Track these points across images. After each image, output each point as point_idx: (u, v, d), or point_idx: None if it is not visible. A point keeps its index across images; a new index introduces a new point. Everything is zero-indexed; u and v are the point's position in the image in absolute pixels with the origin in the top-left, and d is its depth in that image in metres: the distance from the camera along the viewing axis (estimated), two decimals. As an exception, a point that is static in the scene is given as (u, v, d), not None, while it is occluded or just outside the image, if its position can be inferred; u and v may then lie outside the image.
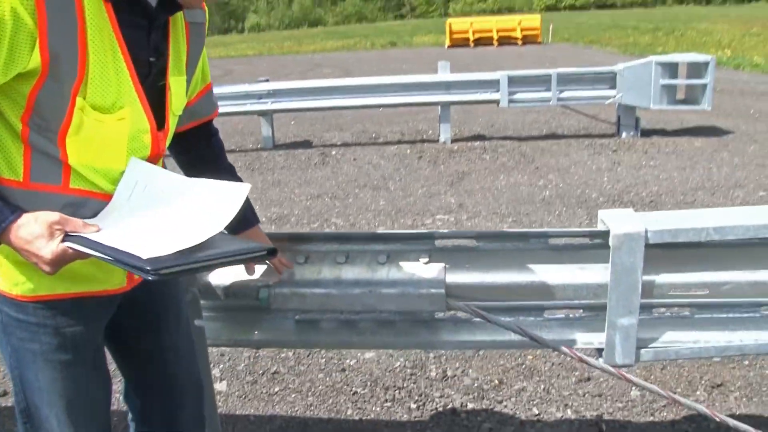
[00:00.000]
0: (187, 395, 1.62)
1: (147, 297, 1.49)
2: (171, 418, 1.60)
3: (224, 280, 1.86)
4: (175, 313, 1.56)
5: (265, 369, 2.90)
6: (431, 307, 1.76)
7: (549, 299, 1.84)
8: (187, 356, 1.62)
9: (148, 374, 1.55)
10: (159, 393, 1.58)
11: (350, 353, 2.97)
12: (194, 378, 1.64)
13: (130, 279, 1.39)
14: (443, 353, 2.94)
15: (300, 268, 1.83)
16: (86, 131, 1.15)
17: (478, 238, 1.86)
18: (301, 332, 1.96)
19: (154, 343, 1.53)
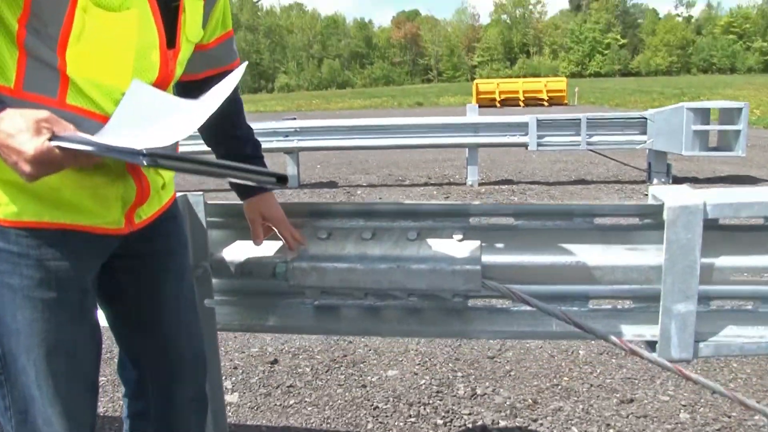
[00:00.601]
0: (188, 369, 1.45)
1: (147, 251, 1.35)
2: (169, 394, 1.43)
3: (238, 256, 1.72)
4: (178, 273, 1.41)
5: (280, 383, 2.71)
6: (465, 285, 1.58)
7: (595, 283, 1.65)
8: (191, 326, 1.45)
9: (146, 340, 1.39)
10: (157, 363, 1.41)
11: (372, 370, 2.77)
12: (197, 351, 1.47)
13: (128, 221, 1.25)
14: (471, 372, 2.72)
15: (322, 243, 1.67)
16: (88, 38, 1.05)
17: (516, 216, 1.70)
18: (320, 318, 1.79)
19: (154, 305, 1.37)
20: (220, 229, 1.81)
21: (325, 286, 1.64)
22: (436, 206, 1.71)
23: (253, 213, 1.58)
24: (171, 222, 1.41)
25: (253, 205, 1.57)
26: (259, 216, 1.57)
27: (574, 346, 2.97)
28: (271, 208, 1.58)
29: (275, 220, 1.58)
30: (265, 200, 1.58)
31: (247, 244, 1.74)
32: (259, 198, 1.57)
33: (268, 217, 1.58)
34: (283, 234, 1.60)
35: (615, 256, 1.63)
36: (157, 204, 1.35)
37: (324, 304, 1.79)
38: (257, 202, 1.57)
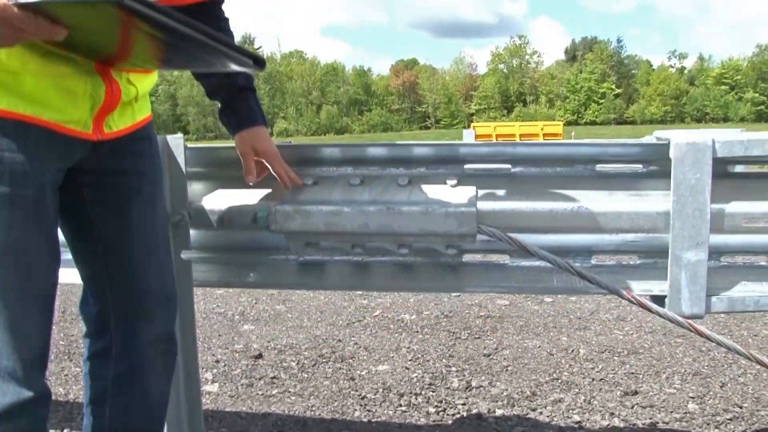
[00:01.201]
0: (156, 305, 1.33)
1: (117, 168, 1.25)
2: (133, 331, 1.30)
3: (218, 205, 1.62)
4: (149, 198, 1.31)
5: (263, 374, 2.56)
6: (460, 228, 1.48)
7: (599, 232, 1.55)
8: (161, 258, 1.34)
9: (111, 266, 1.28)
10: (121, 295, 1.29)
11: (361, 365, 2.63)
12: (168, 289, 1.36)
13: (97, 127, 1.15)
14: (466, 367, 2.59)
15: (307, 189, 1.58)
16: None
17: (514, 162, 1.61)
18: (304, 274, 1.69)
19: (121, 227, 1.26)
20: (201, 180, 1.71)
21: (309, 230, 1.53)
22: (430, 151, 1.62)
23: (244, 146, 1.48)
24: (145, 142, 1.32)
25: (244, 138, 1.48)
26: (251, 150, 1.48)
27: (574, 345, 2.83)
28: (263, 141, 1.48)
29: (268, 154, 1.49)
30: (257, 133, 1.48)
31: (229, 193, 1.65)
32: (251, 131, 1.48)
33: (261, 151, 1.48)
34: (277, 170, 1.50)
35: (620, 203, 1.53)
36: (130, 118, 1.26)
37: (309, 261, 1.69)
38: (249, 134, 1.48)
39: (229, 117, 1.49)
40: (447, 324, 3.18)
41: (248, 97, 1.49)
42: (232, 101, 1.48)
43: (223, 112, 1.50)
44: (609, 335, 2.97)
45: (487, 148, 1.63)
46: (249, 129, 1.48)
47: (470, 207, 1.48)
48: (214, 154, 1.69)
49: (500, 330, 3.08)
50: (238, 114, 1.48)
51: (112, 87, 1.16)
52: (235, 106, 1.48)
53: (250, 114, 1.48)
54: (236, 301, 3.74)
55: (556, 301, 3.55)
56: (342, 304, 3.57)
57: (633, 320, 3.19)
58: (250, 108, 1.49)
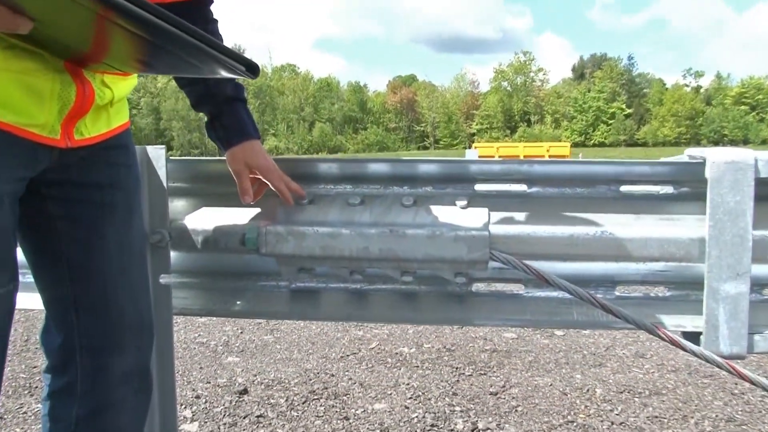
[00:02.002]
0: (130, 335, 1.25)
1: (88, 180, 1.18)
2: (102, 364, 1.22)
3: (203, 224, 1.55)
4: (125, 215, 1.24)
5: (248, 412, 2.47)
6: (470, 254, 1.41)
7: (623, 260, 1.48)
8: (136, 282, 1.27)
9: (78, 294, 1.19)
10: (89, 323, 1.21)
11: (356, 403, 2.55)
12: (143, 317, 1.28)
13: (66, 133, 1.08)
14: (471, 407, 2.50)
15: (302, 208, 1.51)
16: None
17: (529, 182, 1.54)
18: (297, 303, 1.62)
19: (91, 246, 1.19)
20: (183, 196, 1.65)
21: (303, 254, 1.46)
22: (437, 168, 1.56)
23: (237, 163, 1.42)
24: (121, 152, 1.25)
25: (236, 155, 1.42)
26: (245, 166, 1.42)
27: (589, 384, 2.75)
28: (257, 155, 1.42)
29: (264, 169, 1.42)
30: (251, 148, 1.42)
31: (214, 212, 1.58)
32: (244, 146, 1.42)
33: (256, 166, 1.42)
34: (276, 185, 1.44)
35: (648, 228, 1.47)
36: (104, 124, 1.19)
37: (302, 288, 1.61)
38: (241, 150, 1.41)
39: (217, 131, 1.43)
40: (450, 358, 3.10)
41: (238, 109, 1.43)
42: (221, 114, 1.42)
43: (211, 126, 1.44)
44: (627, 373, 2.89)
45: (500, 165, 1.56)
46: (241, 144, 1.41)
47: (482, 231, 1.42)
48: (198, 168, 1.62)
49: (508, 366, 2.99)
50: (227, 128, 1.42)
51: (84, 88, 1.09)
52: (224, 119, 1.42)
53: (241, 127, 1.42)
54: (220, 330, 3.65)
55: (567, 335, 3.47)
56: (335, 335, 3.48)
57: (653, 357, 3.11)
58: (241, 120, 1.42)
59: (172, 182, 1.62)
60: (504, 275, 1.55)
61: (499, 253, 1.43)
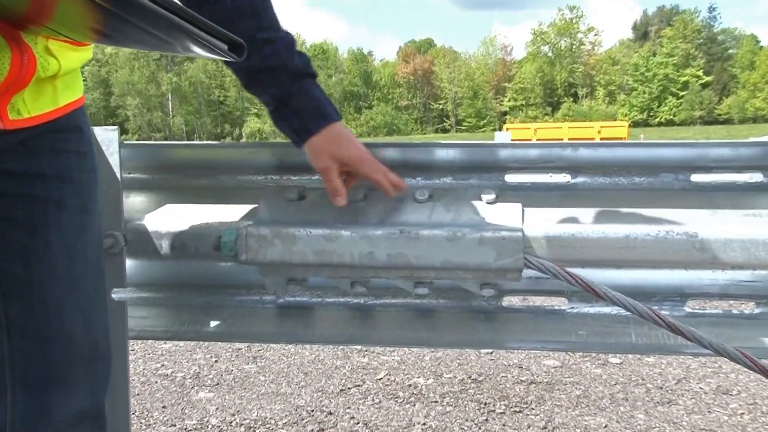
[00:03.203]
0: (82, 368, 1.25)
1: (29, 170, 1.19)
2: (44, 406, 1.22)
3: (167, 225, 1.57)
4: (77, 216, 1.25)
5: (225, 461, 2.50)
6: (500, 260, 1.42)
7: (698, 266, 1.48)
8: (91, 301, 1.28)
9: (12, 314, 1.19)
10: (29, 353, 1.22)
11: None
12: (100, 344, 1.29)
13: (2, 115, 1.11)
14: (505, 453, 2.51)
15: (291, 205, 1.52)
16: None
17: (573, 170, 1.56)
18: (286, 322, 1.64)
19: (32, 256, 1.20)
20: (142, 190, 1.67)
21: (293, 262, 1.47)
22: (458, 154, 1.57)
23: (322, 159, 1.39)
24: (73, 136, 1.26)
25: (319, 147, 1.39)
26: (333, 160, 1.38)
27: (656, 427, 2.77)
28: (347, 143, 1.39)
29: (357, 160, 1.40)
30: (336, 134, 1.39)
31: (182, 209, 1.61)
32: (326, 133, 1.38)
33: (347, 157, 1.39)
34: (374, 177, 1.41)
35: (727, 226, 1.46)
36: (49, 101, 1.20)
37: (292, 303, 1.64)
38: (324, 139, 1.38)
39: (290, 119, 1.40)
40: (476, 392, 3.12)
41: (310, 87, 1.40)
42: (289, 95, 1.39)
43: (280, 114, 1.41)
44: (707, 414, 2.89)
45: (537, 150, 1.58)
46: (323, 130, 1.38)
47: (514, 231, 1.42)
48: (160, 154, 1.65)
49: (550, 401, 3.01)
50: (302, 113, 1.38)
51: (22, 55, 1.10)
52: (294, 101, 1.39)
53: (318, 108, 1.39)
54: (188, 359, 3.68)
55: (626, 363, 3.49)
56: (334, 363, 3.51)
57: (741, 394, 3.11)
58: (316, 100, 1.39)
59: (128, 172, 1.65)
60: (542, 286, 1.56)
61: (536, 259, 1.44)
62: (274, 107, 1.40)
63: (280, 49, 1.36)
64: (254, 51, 1.32)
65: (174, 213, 1.60)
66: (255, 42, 1.33)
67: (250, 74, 1.39)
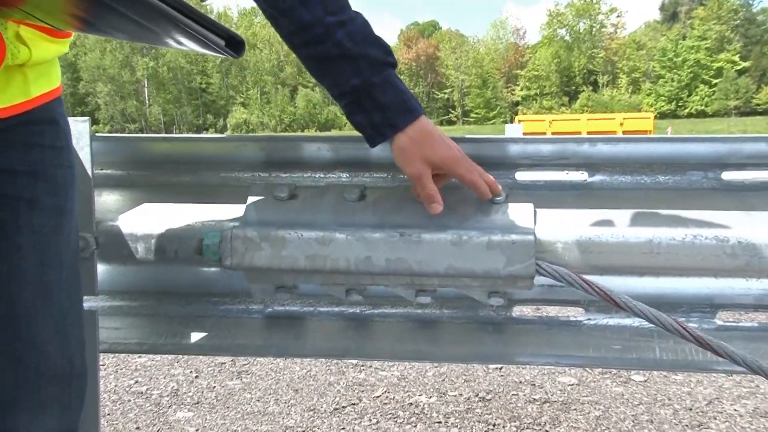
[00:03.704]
0: (55, 386, 1.27)
1: None
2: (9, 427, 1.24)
3: (143, 226, 1.58)
4: (51, 217, 1.26)
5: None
6: (510, 266, 1.43)
7: (729, 274, 1.49)
8: (66, 312, 1.29)
9: None
10: None
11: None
12: (75, 360, 1.30)
13: None
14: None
15: (280, 205, 1.53)
16: None
17: (591, 167, 1.57)
18: (274, 333, 1.65)
19: (1, 258, 1.22)
20: (116, 188, 1.69)
21: (283, 267, 1.48)
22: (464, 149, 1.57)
23: (414, 164, 1.36)
24: (47, 130, 1.26)
25: (407, 149, 1.35)
26: (426, 164, 1.35)
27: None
28: (439, 143, 1.36)
29: (451, 161, 1.35)
30: (427, 132, 1.35)
31: (160, 209, 1.62)
32: (413, 133, 1.34)
33: (440, 160, 1.35)
34: (469, 178, 1.38)
35: (762, 228, 1.48)
36: (20, 92, 1.21)
37: (281, 313, 1.65)
38: (412, 141, 1.34)
39: (371, 115, 1.36)
40: (484, 411, 3.13)
41: (393, 77, 1.35)
42: (370, 87, 1.33)
43: (358, 108, 1.37)
44: (741, 439, 2.90)
45: (550, 145, 1.59)
46: (409, 127, 1.34)
47: (526, 234, 1.43)
48: (136, 148, 1.66)
49: (566, 423, 3.02)
50: (385, 107, 1.34)
51: (-13, 43, 1.12)
52: (375, 94, 1.34)
53: (404, 101, 1.35)
54: (166, 374, 3.69)
55: (650, 381, 3.49)
56: (327, 378, 3.51)
57: (781, 416, 3.12)
58: (400, 92, 1.35)
59: (100, 168, 1.66)
60: (556, 295, 1.57)
61: (550, 265, 1.45)
62: (350, 100, 1.35)
63: (356, 32, 1.32)
64: (325, 36, 1.30)
65: (151, 213, 1.61)
66: (326, 26, 1.30)
67: (322, 62, 1.34)
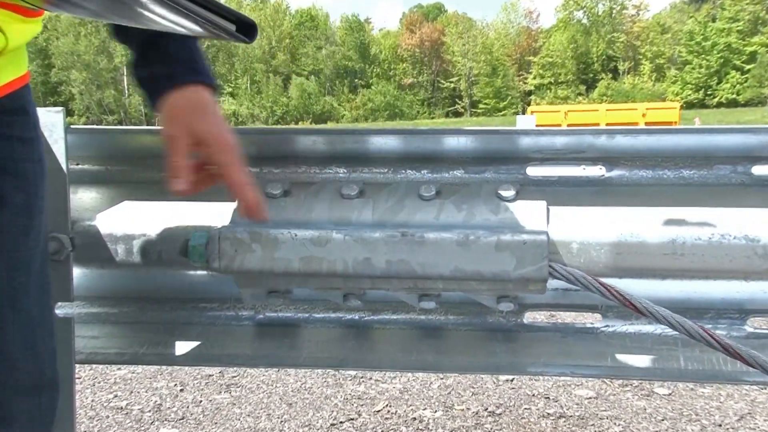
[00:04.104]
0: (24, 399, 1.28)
1: None
2: None
3: (123, 226, 1.59)
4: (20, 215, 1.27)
5: None
6: (521, 268, 1.43)
7: (761, 277, 1.50)
8: (35, 318, 1.30)
9: None
10: None
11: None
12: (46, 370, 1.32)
13: None
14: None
15: (273, 203, 1.54)
16: None
17: (609, 161, 1.58)
18: (265, 343, 1.66)
19: None
20: (92, 184, 1.69)
21: (276, 270, 1.48)
22: (471, 143, 1.59)
23: (175, 123, 1.29)
24: (16, 120, 1.27)
25: (176, 110, 1.29)
26: (187, 130, 1.28)
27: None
28: (212, 119, 1.29)
29: (218, 140, 1.27)
30: (201, 100, 1.30)
31: (141, 207, 1.62)
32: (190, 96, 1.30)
33: (205, 133, 1.27)
34: (236, 175, 1.29)
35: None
36: None
37: (273, 320, 1.65)
38: (185, 103, 1.29)
39: (154, 65, 1.33)
40: (494, 427, 3.13)
41: (188, 39, 1.34)
42: (159, 37, 1.31)
43: (142, 60, 1.35)
44: (775, 459, 2.90)
45: (565, 137, 1.59)
46: (188, 89, 1.30)
47: (538, 234, 1.43)
48: (115, 141, 1.66)
49: (582, 440, 3.03)
50: (169, 60, 1.32)
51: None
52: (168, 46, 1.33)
53: (193, 60, 1.33)
54: (148, 388, 3.69)
55: (675, 393, 3.50)
56: (324, 391, 3.52)
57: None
58: (191, 51, 1.34)
59: (76, 163, 1.66)
60: (572, 300, 1.58)
61: (564, 267, 1.46)
62: (140, 52, 1.34)
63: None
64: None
65: (132, 212, 1.61)
66: None
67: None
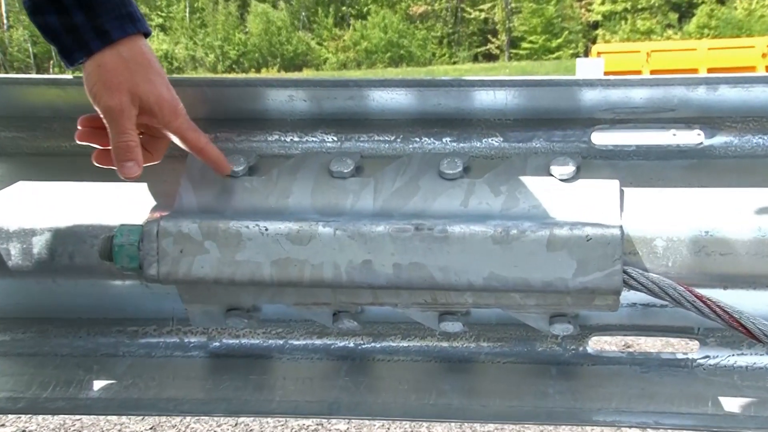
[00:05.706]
0: None
1: None
2: None
3: (20, 216, 1.61)
4: None
5: None
6: (583, 275, 1.45)
7: None
8: None
9: None
10: None
11: None
12: None
13: None
14: None
15: (235, 183, 1.58)
16: None
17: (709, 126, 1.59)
18: (224, 381, 1.67)
19: None
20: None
21: (237, 279, 1.50)
22: (512, 98, 1.60)
23: (116, 93, 1.41)
24: None
25: (113, 71, 1.41)
26: (130, 98, 1.41)
27: None
28: (155, 78, 1.44)
29: (167, 105, 1.43)
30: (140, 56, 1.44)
31: (45, 190, 1.64)
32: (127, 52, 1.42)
33: (153, 99, 1.42)
34: (194, 140, 1.46)
35: None
36: None
37: (234, 348, 1.67)
38: (122, 62, 1.42)
39: (68, 15, 1.41)
40: (545, 504, 3.16)
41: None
42: None
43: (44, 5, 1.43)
44: None
45: (647, 90, 1.60)
46: (123, 43, 1.42)
47: (607, 227, 1.45)
48: (5, 96, 1.69)
49: None
50: (82, 7, 1.40)
51: None
52: None
53: (123, 4, 1.43)
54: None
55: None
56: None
57: None
58: None
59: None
60: (655, 320, 1.61)
61: (644, 274, 1.48)
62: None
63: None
64: None
65: (30, 196, 1.63)
66: None
67: None
